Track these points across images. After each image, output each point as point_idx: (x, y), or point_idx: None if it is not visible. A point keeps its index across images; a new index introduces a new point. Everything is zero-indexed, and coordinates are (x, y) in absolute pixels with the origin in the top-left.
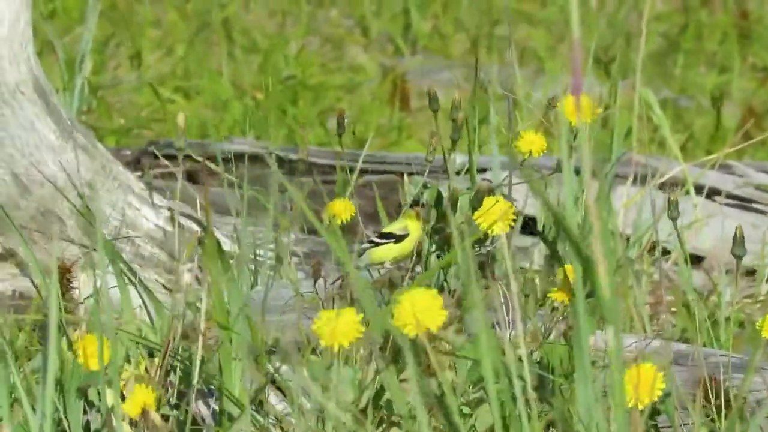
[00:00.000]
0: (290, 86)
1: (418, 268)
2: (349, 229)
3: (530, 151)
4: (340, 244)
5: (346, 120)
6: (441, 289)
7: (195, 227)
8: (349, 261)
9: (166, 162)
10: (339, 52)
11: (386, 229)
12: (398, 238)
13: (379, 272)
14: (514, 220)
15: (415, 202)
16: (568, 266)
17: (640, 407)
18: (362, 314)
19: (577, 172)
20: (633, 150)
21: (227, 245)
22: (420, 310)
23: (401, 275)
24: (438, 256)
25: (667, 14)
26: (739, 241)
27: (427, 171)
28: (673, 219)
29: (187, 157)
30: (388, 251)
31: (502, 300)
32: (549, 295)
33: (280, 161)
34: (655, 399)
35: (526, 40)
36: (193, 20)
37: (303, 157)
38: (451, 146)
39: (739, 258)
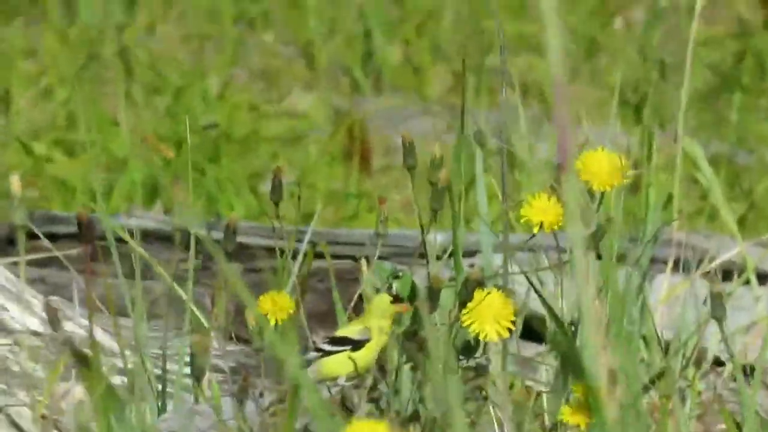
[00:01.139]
0: (210, 138)
1: (384, 386)
2: (291, 334)
3: (541, 224)
4: (277, 350)
5: (284, 183)
6: (414, 417)
7: (82, 332)
8: (298, 372)
9: (46, 242)
10: (276, 90)
11: (340, 332)
12: (356, 345)
13: (330, 391)
14: (514, 321)
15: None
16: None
17: None
18: None
19: (600, 256)
20: (674, 225)
21: (122, 356)
22: None
23: (359, 395)
24: (412, 369)
25: (718, 39)
26: None
27: (391, 254)
28: (719, 320)
29: (72, 236)
30: (342, 362)
31: (497, 427)
32: (559, 417)
33: (198, 241)
34: None
35: (528, 74)
36: (79, 49)
37: (229, 236)
38: (431, 219)
39: None
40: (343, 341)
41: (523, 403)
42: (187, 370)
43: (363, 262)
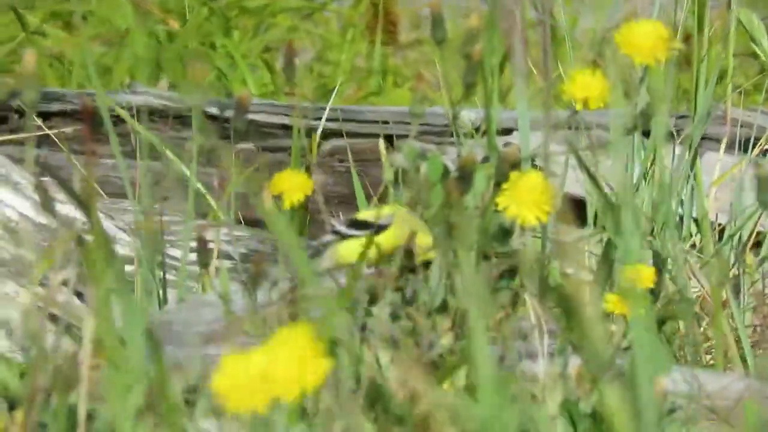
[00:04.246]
0: (220, 9)
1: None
2: (306, 217)
3: (586, 100)
4: (289, 235)
5: (301, 58)
6: (443, 308)
7: (79, 216)
8: (303, 261)
9: (38, 122)
10: None
11: (361, 215)
12: (378, 228)
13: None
14: (553, 205)
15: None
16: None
17: None
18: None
19: (647, 134)
20: (728, 101)
21: (124, 243)
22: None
23: (381, 284)
24: (441, 257)
25: None
26: None
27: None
28: (765, 204)
29: (66, 114)
30: (361, 247)
31: (533, 320)
32: (603, 306)
33: (207, 119)
34: None
35: None
36: None
37: (239, 113)
38: (462, 95)
39: None
40: (363, 225)
41: (574, 294)
42: (193, 256)
43: (385, 141)
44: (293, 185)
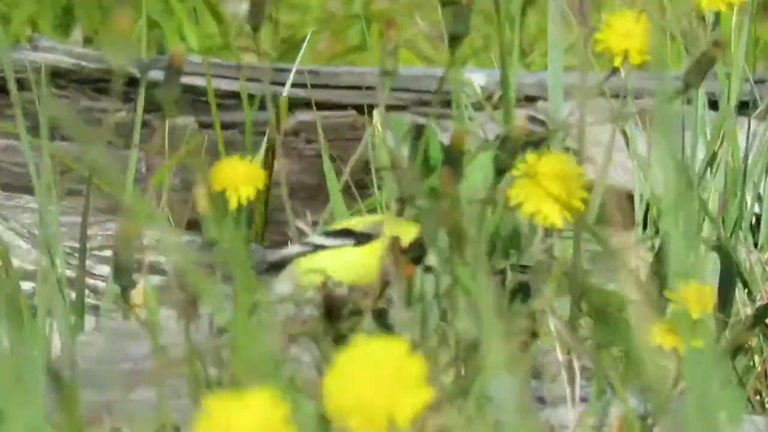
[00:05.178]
0: None
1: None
2: (261, 219)
3: (625, 53)
4: (236, 247)
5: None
6: (442, 341)
7: None
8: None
9: None
10: None
11: (342, 225)
12: (361, 238)
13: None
14: (587, 200)
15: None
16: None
17: None
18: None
19: (714, 105)
20: None
21: (21, 253)
22: (375, 382)
23: (357, 305)
24: (429, 273)
25: None
26: None
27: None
28: None
29: None
30: (335, 263)
31: (561, 355)
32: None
33: (134, 83)
34: None
35: None
36: None
37: (172, 76)
38: (452, 51)
39: None
40: (342, 233)
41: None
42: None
43: (369, 113)
44: (240, 176)
